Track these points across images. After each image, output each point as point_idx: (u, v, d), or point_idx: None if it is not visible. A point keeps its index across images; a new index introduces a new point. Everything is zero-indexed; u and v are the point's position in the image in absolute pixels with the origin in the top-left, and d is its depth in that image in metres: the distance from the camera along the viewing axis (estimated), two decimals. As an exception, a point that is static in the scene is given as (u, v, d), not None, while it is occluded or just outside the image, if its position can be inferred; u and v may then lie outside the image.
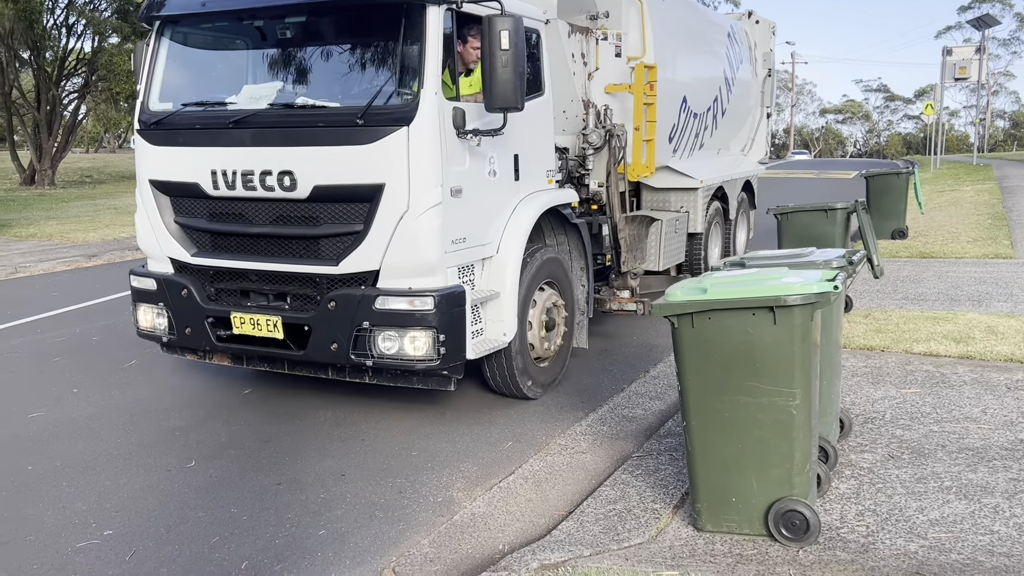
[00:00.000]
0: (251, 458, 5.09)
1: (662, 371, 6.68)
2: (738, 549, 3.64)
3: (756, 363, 3.55)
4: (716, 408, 3.66)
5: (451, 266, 5.12)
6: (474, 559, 3.86)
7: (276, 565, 3.85)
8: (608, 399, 6.09)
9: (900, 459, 4.55)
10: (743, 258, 4.74)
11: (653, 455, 4.79)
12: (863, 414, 5.27)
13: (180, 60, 5.85)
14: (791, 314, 3.48)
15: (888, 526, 3.79)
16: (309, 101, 5.24)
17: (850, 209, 9.35)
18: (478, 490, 4.62)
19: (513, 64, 4.85)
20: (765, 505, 3.67)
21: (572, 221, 6.44)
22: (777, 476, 3.63)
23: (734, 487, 3.71)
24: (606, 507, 4.15)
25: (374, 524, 4.24)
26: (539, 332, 5.98)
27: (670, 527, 3.92)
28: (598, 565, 3.52)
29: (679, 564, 3.51)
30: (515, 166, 5.75)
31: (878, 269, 6.28)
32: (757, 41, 11.93)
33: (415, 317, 4.96)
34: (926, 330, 7.26)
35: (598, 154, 7.25)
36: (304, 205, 5.14)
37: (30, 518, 4.36)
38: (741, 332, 3.55)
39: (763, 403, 3.58)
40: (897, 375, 6.11)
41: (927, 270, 10.67)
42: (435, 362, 5.00)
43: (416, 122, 4.83)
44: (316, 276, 5.20)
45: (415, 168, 4.85)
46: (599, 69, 7.55)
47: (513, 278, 5.55)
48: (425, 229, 4.93)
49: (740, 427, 3.64)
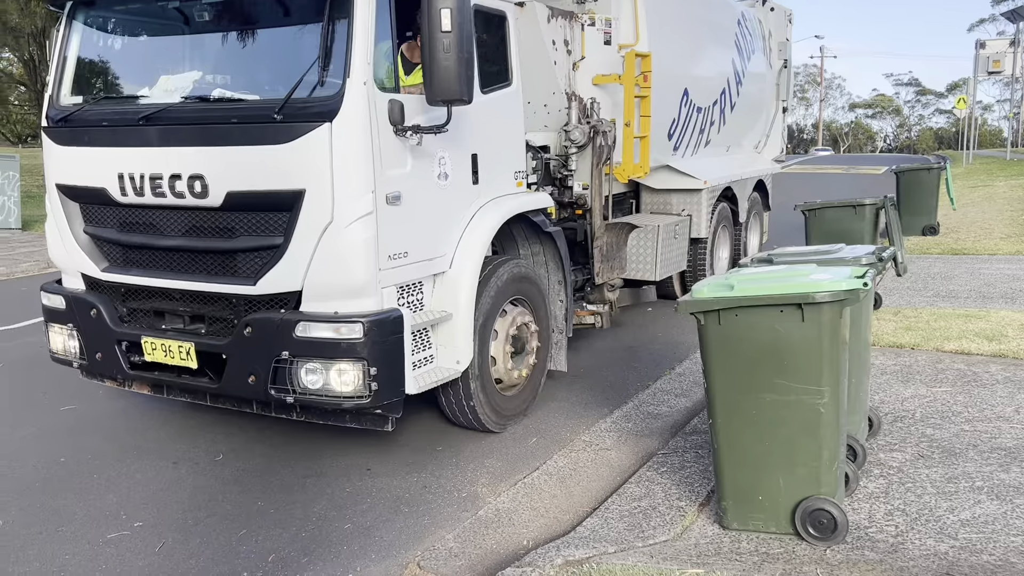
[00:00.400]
0: (277, 452, 5.13)
1: (688, 368, 6.64)
2: (764, 547, 3.61)
3: (784, 360, 3.52)
4: (743, 406, 3.63)
5: (388, 286, 4.42)
6: (499, 554, 3.86)
7: (302, 558, 3.88)
8: (633, 396, 6.06)
9: (930, 458, 4.49)
10: (771, 254, 4.68)
11: (679, 452, 4.77)
12: (892, 412, 5.21)
13: (93, 48, 5.15)
14: (820, 311, 3.44)
15: (918, 526, 3.74)
16: (226, 94, 4.61)
17: (879, 205, 9.23)
18: (503, 485, 4.63)
19: (456, 49, 4.14)
20: (792, 504, 3.63)
21: (546, 229, 5.68)
22: (804, 475, 3.60)
23: (761, 485, 3.68)
24: (631, 504, 4.14)
25: (399, 518, 4.26)
26: (504, 357, 5.29)
27: (695, 525, 3.90)
28: (623, 562, 3.51)
29: (704, 562, 3.49)
30: (473, 167, 5.04)
31: (901, 267, 6.19)
32: (772, 30, 11.06)
33: (341, 347, 4.25)
34: (957, 328, 7.15)
35: (582, 153, 6.65)
36: (217, 214, 4.44)
37: (62, 509, 4.43)
38: (768, 329, 3.52)
39: (790, 401, 3.54)
40: (927, 373, 6.02)
41: (959, 267, 10.51)
42: (365, 399, 4.29)
43: (340, 117, 4.13)
44: (233, 297, 4.51)
45: (339, 172, 4.16)
46: (585, 58, 6.88)
47: (468, 297, 4.86)
48: (352, 243, 4.22)
49: (767, 425, 3.61)
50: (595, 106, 6.77)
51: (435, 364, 4.82)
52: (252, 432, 5.45)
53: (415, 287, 4.71)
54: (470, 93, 4.32)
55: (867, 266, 4.08)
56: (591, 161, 6.58)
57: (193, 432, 5.50)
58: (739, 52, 9.68)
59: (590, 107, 6.78)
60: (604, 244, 6.60)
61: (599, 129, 6.58)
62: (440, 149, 4.71)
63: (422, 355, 4.72)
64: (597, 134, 6.56)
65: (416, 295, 4.73)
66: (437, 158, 4.71)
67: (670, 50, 7.64)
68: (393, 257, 4.42)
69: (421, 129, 4.41)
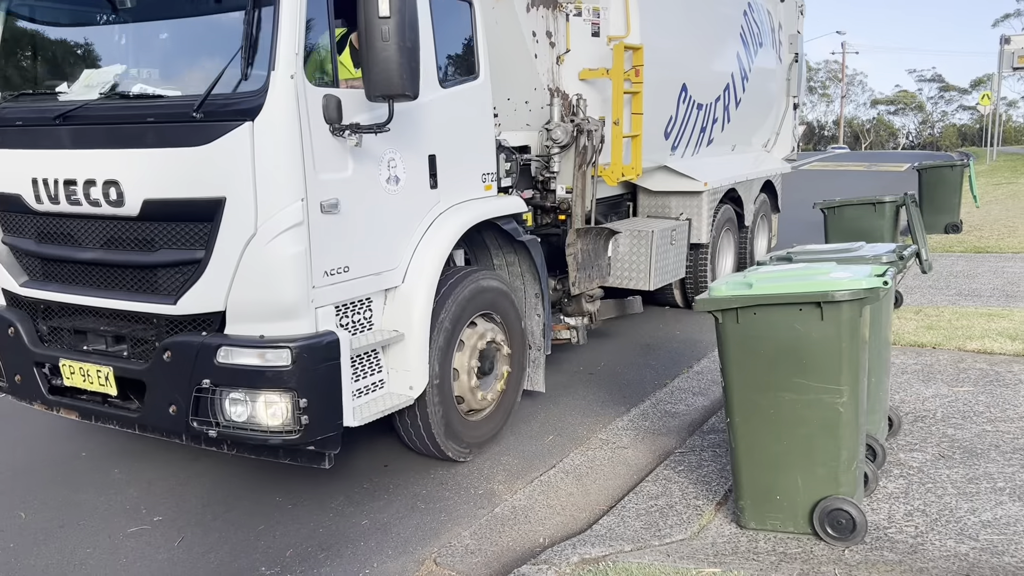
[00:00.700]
0: (296, 448, 5.16)
1: (706, 366, 6.61)
2: (782, 547, 3.59)
3: (802, 359, 3.49)
4: (761, 405, 3.61)
5: (324, 305, 3.92)
6: (515, 551, 3.87)
7: (320, 553, 3.91)
8: (650, 394, 6.05)
9: (951, 459, 4.44)
10: (790, 252, 4.65)
11: (696, 451, 4.75)
12: (913, 412, 5.16)
13: (10, 39, 4.66)
14: (839, 310, 3.41)
15: (938, 527, 3.70)
16: (148, 89, 4.15)
17: (899, 202, 9.14)
18: (519, 483, 4.63)
19: (397, 37, 3.64)
20: (810, 503, 3.61)
21: (518, 237, 5.18)
22: (823, 474, 3.57)
23: (778, 485, 3.66)
24: (648, 503, 4.13)
25: (416, 515, 4.28)
26: (469, 379, 4.80)
27: (713, 524, 3.88)
28: (639, 560, 3.50)
29: (721, 561, 3.48)
30: (431, 170, 4.54)
31: (926, 264, 6.11)
32: (782, 22, 10.36)
33: (266, 376, 3.79)
34: (980, 327, 7.07)
35: (565, 153, 6.14)
36: (135, 225, 4.00)
37: (83, 503, 4.49)
38: (787, 328, 3.49)
39: (809, 400, 3.52)
40: (949, 373, 5.96)
41: (982, 265, 10.39)
42: (295, 435, 3.80)
43: (263, 115, 3.65)
44: (154, 316, 4.06)
45: (263, 177, 3.68)
46: (570, 51, 6.36)
47: (423, 314, 4.37)
48: (278, 259, 3.74)
49: (785, 424, 3.58)
50: (580, 103, 6.31)
51: (385, 390, 4.36)
52: (270, 428, 5.48)
53: (360, 305, 4.22)
54: (414, 87, 3.80)
55: (887, 264, 4.05)
56: (574, 162, 6.12)
57: (212, 427, 5.54)
58: (745, 45, 9.10)
59: (576, 104, 6.31)
60: (579, 251, 6.01)
61: (583, 128, 6.09)
62: (389, 150, 4.23)
63: (368, 381, 4.26)
64: (581, 133, 6.08)
65: (362, 314, 4.24)
66: (385, 160, 4.22)
67: (666, 42, 7.14)
68: (330, 273, 3.94)
69: (361, 128, 3.90)
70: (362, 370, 4.21)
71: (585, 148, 6.10)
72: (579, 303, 6.20)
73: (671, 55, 7.33)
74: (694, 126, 8.04)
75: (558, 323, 6.13)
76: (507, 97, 5.65)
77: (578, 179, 6.12)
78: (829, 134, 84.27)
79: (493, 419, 5.12)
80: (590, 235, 6.18)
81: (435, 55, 4.50)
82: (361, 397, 4.19)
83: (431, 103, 4.40)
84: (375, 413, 4.18)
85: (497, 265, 5.47)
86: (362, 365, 4.20)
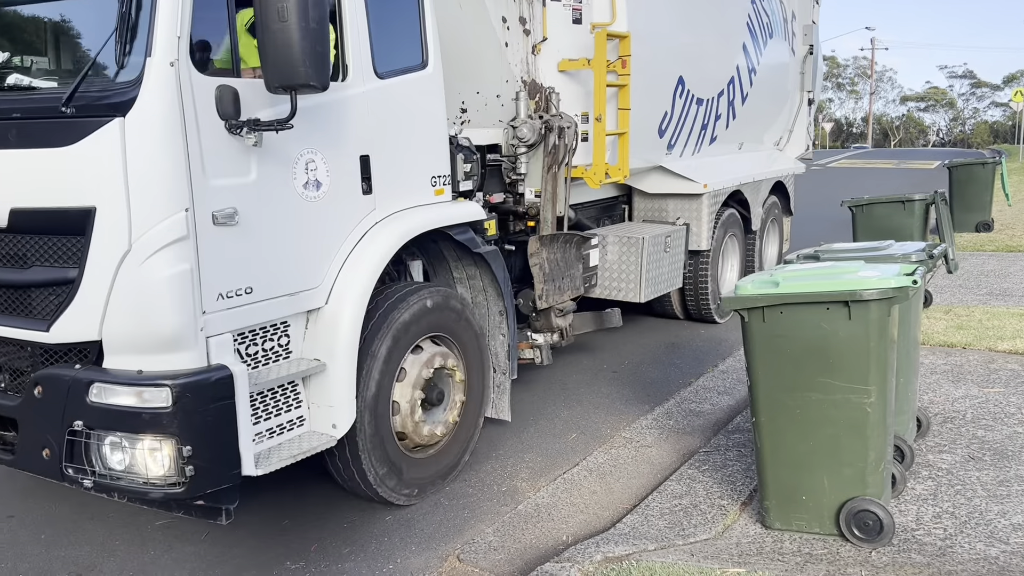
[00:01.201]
0: (321, 443, 5.19)
1: (731, 365, 6.57)
2: (807, 548, 3.56)
3: (830, 359, 3.47)
4: (787, 404, 3.58)
5: (218, 333, 3.34)
6: (538, 549, 3.87)
7: (344, 548, 3.94)
8: (675, 393, 6.02)
9: (981, 460, 4.38)
10: (817, 251, 4.61)
11: (720, 451, 4.72)
12: (942, 413, 5.09)
13: None
14: (867, 309, 3.38)
15: (967, 529, 3.65)
16: (23, 81, 3.61)
17: (929, 201, 9.01)
18: (542, 481, 4.63)
19: (299, 17, 3.07)
20: (837, 504, 3.57)
21: (475, 249, 4.61)
22: (850, 475, 3.54)
23: (805, 485, 3.63)
24: (671, 502, 4.12)
25: (439, 511, 4.29)
26: (412, 413, 4.20)
27: (737, 524, 3.86)
28: (663, 560, 3.49)
29: (746, 561, 3.46)
30: (364, 173, 3.96)
31: (952, 264, 6.00)
32: (795, 11, 9.70)
33: (143, 419, 3.21)
34: (1011, 327, 6.96)
35: (533, 153, 5.53)
36: (5, 238, 3.46)
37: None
38: (814, 327, 3.47)
39: (836, 400, 3.49)
40: (979, 373, 5.87)
41: (1014, 264, 10.22)
42: (178, 488, 3.25)
43: (136, 110, 3.09)
44: (28, 344, 3.50)
45: (136, 183, 3.12)
46: (548, 40, 5.71)
47: (349, 340, 3.78)
48: (155, 280, 3.16)
49: (812, 424, 3.55)
50: (552, 97, 5.71)
51: (305, 428, 3.80)
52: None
53: (272, 331, 3.66)
54: (321, 76, 3.21)
55: (917, 263, 4.00)
56: (543, 163, 5.53)
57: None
58: (752, 36, 8.38)
59: (547, 98, 5.71)
60: (545, 261, 5.42)
61: (553, 125, 5.49)
62: (307, 150, 3.65)
63: (283, 419, 3.71)
64: (551, 131, 5.47)
65: (275, 341, 3.68)
66: (302, 162, 3.64)
67: (658, 31, 6.53)
68: (227, 295, 3.37)
69: (260, 125, 3.33)
70: (274, 407, 3.66)
71: (556, 147, 5.50)
72: (548, 318, 5.56)
73: (665, 45, 6.75)
74: (693, 123, 7.41)
75: (524, 340, 5.56)
76: (476, 91, 5.23)
77: (547, 181, 5.53)
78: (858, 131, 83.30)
79: (447, 454, 4.50)
80: (557, 243, 5.58)
81: (369, 40, 3.95)
82: (272, 438, 3.65)
83: (364, 96, 3.91)
84: (289, 457, 3.58)
85: (457, 279, 4.91)
86: (274, 401, 3.66)
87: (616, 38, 5.86)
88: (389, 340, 4.02)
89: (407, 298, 4.17)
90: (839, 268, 3.81)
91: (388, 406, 4.09)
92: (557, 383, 6.26)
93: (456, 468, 4.61)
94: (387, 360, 4.03)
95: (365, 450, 3.97)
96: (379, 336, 3.98)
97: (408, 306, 4.13)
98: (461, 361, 4.55)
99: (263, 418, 3.60)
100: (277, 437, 3.67)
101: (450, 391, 4.49)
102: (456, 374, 4.49)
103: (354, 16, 3.87)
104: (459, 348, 4.53)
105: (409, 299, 4.17)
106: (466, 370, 4.58)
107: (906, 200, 9.15)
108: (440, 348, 4.39)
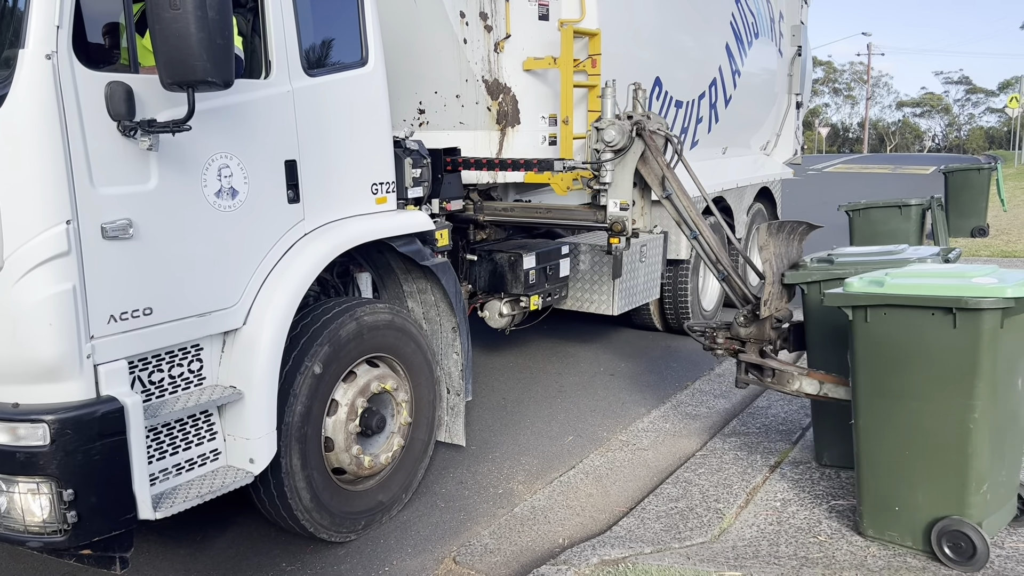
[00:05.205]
0: (317, 445, 5.19)
1: (727, 369, 6.57)
2: (803, 552, 3.56)
3: (932, 367, 3.30)
4: (885, 409, 3.44)
5: (110, 360, 2.97)
6: (534, 551, 3.87)
7: (340, 550, 3.93)
8: (671, 396, 6.03)
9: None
10: (831, 254, 4.40)
11: (717, 454, 4.73)
12: None
13: None
14: (976, 318, 3.17)
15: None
16: None
17: (925, 206, 9.06)
18: (538, 483, 4.63)
19: (194, 6, 2.72)
20: (929, 520, 3.40)
21: (421, 262, 4.27)
22: (946, 492, 3.35)
23: (898, 495, 3.48)
24: (668, 505, 4.12)
25: (435, 513, 4.29)
26: (347, 446, 3.84)
27: (733, 527, 3.86)
28: (659, 563, 3.49)
29: (742, 565, 3.46)
30: (290, 179, 3.60)
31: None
32: (783, 11, 9.41)
33: (18, 459, 2.85)
34: None
35: (620, 159, 5.18)
36: None
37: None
38: (917, 331, 3.30)
39: (937, 411, 3.31)
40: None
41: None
42: (59, 536, 2.89)
43: (6, 109, 2.75)
44: None
45: (7, 192, 2.78)
46: (511, 36, 5.34)
47: (267, 366, 3.41)
48: (31, 301, 2.81)
49: (909, 432, 3.40)
50: (639, 95, 5.37)
51: (220, 463, 3.44)
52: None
53: (181, 356, 3.31)
54: (223, 72, 2.86)
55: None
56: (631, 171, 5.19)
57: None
58: (736, 36, 8.02)
59: (634, 97, 5.40)
60: (772, 256, 4.79)
61: (643, 127, 5.11)
62: (220, 155, 3.29)
63: (192, 453, 3.34)
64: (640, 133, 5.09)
65: (185, 367, 3.33)
66: (214, 168, 3.27)
67: (632, 29, 6.17)
68: (120, 317, 3.00)
69: (155, 127, 2.96)
70: (183, 440, 3.30)
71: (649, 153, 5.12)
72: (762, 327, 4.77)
73: (639, 43, 6.35)
74: (672, 126, 6.92)
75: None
76: (434, 91, 5.06)
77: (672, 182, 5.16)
78: (854, 136, 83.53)
79: (392, 482, 4.16)
80: (783, 232, 4.77)
81: (298, 34, 3.62)
82: (179, 475, 3.28)
83: (291, 95, 3.57)
84: (196, 497, 3.21)
85: (407, 293, 4.60)
86: (183, 434, 3.30)
87: (585, 36, 5.46)
88: (326, 357, 3.67)
89: (340, 316, 3.78)
90: (954, 271, 3.58)
91: (319, 439, 3.73)
92: (554, 386, 6.26)
93: (407, 493, 4.27)
94: (315, 386, 3.65)
95: (291, 487, 3.60)
96: (307, 359, 3.60)
97: (342, 326, 3.76)
98: (406, 381, 4.20)
99: (168, 453, 3.25)
100: (186, 474, 3.31)
101: (394, 416, 4.14)
102: (397, 396, 4.12)
103: (278, 7, 3.52)
104: (403, 367, 4.18)
105: (342, 318, 3.78)
106: (412, 390, 4.24)
107: (902, 205, 9.19)
108: (378, 370, 4.03)
